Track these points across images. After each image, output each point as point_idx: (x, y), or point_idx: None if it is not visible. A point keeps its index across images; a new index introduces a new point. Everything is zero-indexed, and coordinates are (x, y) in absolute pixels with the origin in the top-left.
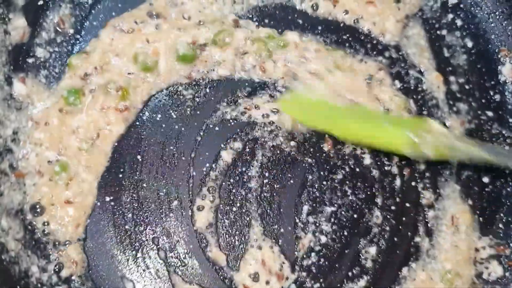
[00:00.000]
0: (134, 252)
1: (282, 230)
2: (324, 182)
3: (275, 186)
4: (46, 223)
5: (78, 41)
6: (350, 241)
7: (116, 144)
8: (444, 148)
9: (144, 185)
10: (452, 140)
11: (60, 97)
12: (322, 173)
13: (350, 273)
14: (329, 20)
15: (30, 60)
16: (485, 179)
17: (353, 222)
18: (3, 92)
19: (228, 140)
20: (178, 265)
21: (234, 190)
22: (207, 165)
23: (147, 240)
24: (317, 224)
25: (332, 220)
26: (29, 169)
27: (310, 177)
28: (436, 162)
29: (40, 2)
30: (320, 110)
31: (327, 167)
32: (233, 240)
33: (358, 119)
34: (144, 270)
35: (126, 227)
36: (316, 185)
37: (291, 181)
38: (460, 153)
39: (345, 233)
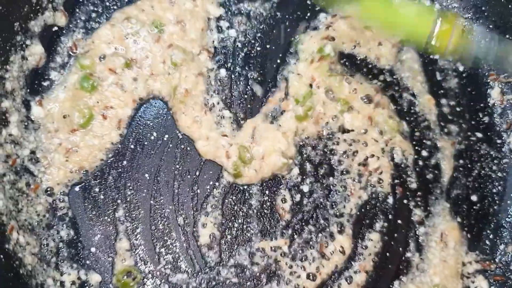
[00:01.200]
0: (139, 265)
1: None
2: (321, 200)
3: (274, 203)
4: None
5: None
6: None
7: (124, 162)
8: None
9: (152, 202)
10: None
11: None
12: (320, 191)
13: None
14: None
15: (45, 83)
16: (474, 198)
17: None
18: (20, 114)
19: None
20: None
21: (236, 207)
22: (211, 183)
23: (153, 255)
24: (314, 240)
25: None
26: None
27: (306, 195)
28: (427, 181)
29: (55, 28)
30: None
31: (324, 186)
32: (235, 254)
33: None
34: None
35: (135, 241)
36: (312, 204)
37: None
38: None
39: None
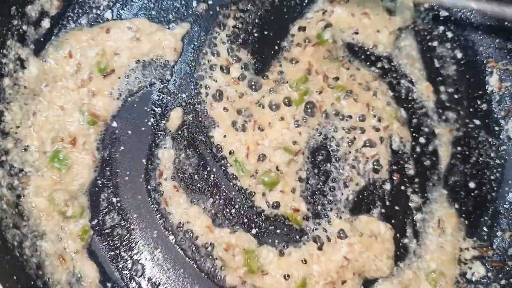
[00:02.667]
0: None
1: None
2: (319, 186)
3: None
4: None
5: None
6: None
7: None
8: None
9: None
10: None
11: None
12: (317, 177)
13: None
14: None
15: None
16: (471, 184)
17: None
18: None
19: None
20: None
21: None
22: None
23: None
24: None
25: (325, 219)
26: None
27: (304, 181)
28: (425, 168)
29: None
30: None
31: (322, 172)
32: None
33: None
34: None
35: None
36: (310, 190)
37: None
38: None
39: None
